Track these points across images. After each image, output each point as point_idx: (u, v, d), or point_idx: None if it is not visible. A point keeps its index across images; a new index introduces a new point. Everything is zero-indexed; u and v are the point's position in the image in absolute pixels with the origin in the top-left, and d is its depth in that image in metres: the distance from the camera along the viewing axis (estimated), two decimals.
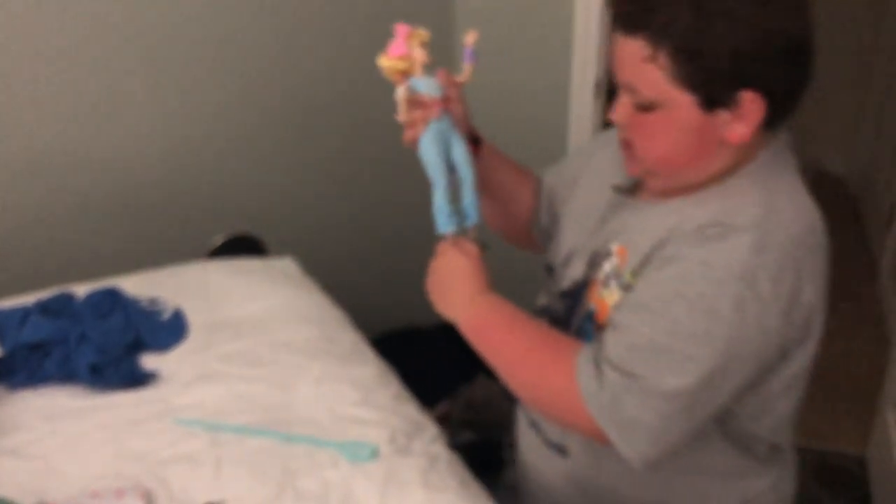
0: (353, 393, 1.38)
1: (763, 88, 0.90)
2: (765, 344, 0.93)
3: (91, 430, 1.31)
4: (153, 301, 1.63)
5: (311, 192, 2.30)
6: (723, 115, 0.92)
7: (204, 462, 1.23)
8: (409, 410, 1.36)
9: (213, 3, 1.98)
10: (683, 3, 0.87)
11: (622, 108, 0.97)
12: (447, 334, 1.27)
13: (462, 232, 1.10)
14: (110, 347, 1.45)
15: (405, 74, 1.07)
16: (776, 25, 0.88)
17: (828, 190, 3.97)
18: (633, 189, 1.10)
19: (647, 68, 0.90)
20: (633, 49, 0.91)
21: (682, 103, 0.91)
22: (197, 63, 2.02)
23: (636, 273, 0.98)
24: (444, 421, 1.95)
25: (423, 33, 1.07)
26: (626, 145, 1.01)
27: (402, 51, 1.06)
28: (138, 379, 1.42)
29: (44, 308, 1.55)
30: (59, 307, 1.56)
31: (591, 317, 1.05)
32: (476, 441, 2.01)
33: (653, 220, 1.00)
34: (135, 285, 1.68)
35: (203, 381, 1.43)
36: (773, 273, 0.90)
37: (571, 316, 1.10)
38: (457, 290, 1.06)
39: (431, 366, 2.02)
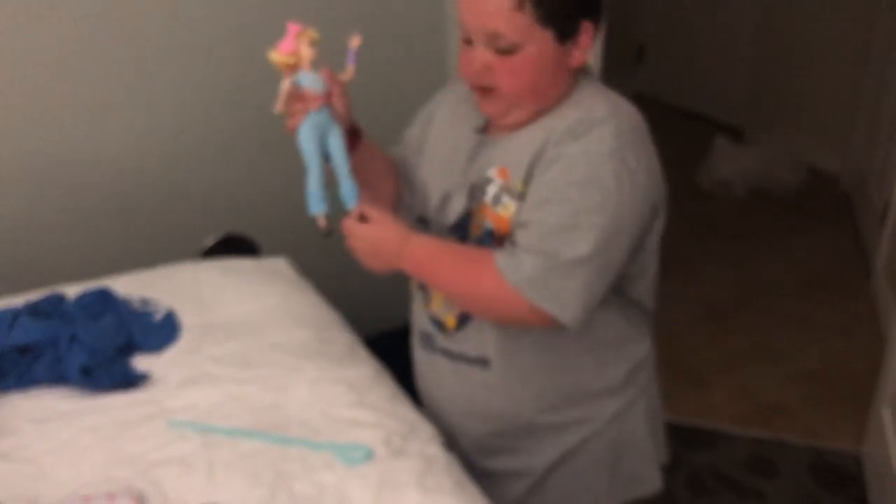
0: (348, 394, 1.37)
1: (592, 18, 1.15)
2: (642, 203, 1.15)
3: (82, 433, 1.29)
4: (145, 302, 1.62)
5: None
6: (568, 47, 1.15)
7: (197, 465, 1.22)
8: (405, 411, 1.35)
9: (205, 5, 1.97)
10: None
11: (482, 57, 1.14)
12: None
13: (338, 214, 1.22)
14: (102, 349, 1.43)
15: (293, 69, 1.16)
16: None
17: (822, 188, 3.98)
18: (484, 129, 1.28)
19: (515, 16, 1.09)
20: (501, 2, 1.09)
21: (544, 39, 1.12)
22: (188, 64, 2.01)
23: (526, 181, 1.17)
24: None
25: (312, 33, 1.17)
26: (485, 90, 1.18)
27: (290, 47, 1.16)
28: (130, 381, 1.41)
29: (34, 309, 1.53)
30: (49, 308, 1.54)
31: (490, 234, 1.22)
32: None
33: (523, 140, 1.19)
34: (127, 286, 1.67)
35: (195, 382, 1.41)
36: (633, 148, 1.14)
37: (464, 242, 1.27)
38: (385, 251, 1.20)
39: None
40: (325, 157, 1.20)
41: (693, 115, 4.87)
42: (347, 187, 1.21)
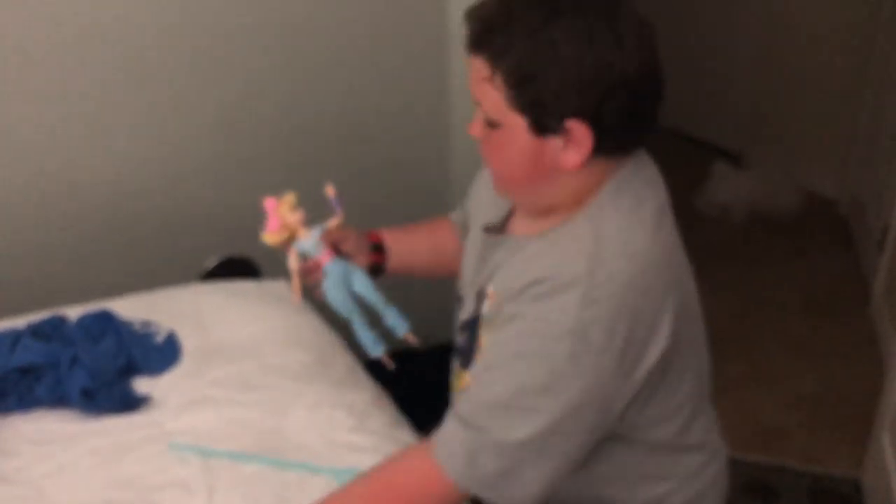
0: (348, 418, 1.37)
1: (589, 119, 0.93)
2: (608, 388, 0.95)
3: (82, 456, 1.29)
4: (146, 324, 1.62)
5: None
6: (554, 142, 0.95)
7: (197, 488, 1.22)
8: (405, 436, 1.35)
9: (205, 24, 1.99)
10: (520, 30, 0.90)
11: (476, 123, 1.01)
12: (442, 357, 1.26)
13: (396, 343, 1.22)
14: (103, 371, 1.44)
15: (291, 240, 1.19)
16: (602, 61, 0.91)
17: (820, 212, 3.99)
18: (502, 225, 1.13)
19: (487, 87, 0.94)
20: (478, 67, 0.95)
21: (516, 125, 0.95)
22: (190, 86, 2.02)
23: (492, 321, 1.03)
24: None
25: (289, 198, 1.19)
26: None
27: (277, 223, 1.18)
28: (130, 403, 1.41)
29: (35, 331, 1.53)
30: (50, 330, 1.55)
31: None
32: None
33: (523, 260, 1.03)
34: (128, 308, 1.67)
35: (196, 405, 1.41)
36: (605, 324, 0.92)
37: (472, 347, 1.11)
38: None
39: (427, 389, 2.00)
40: (360, 300, 1.20)
41: (691, 140, 4.90)
42: (391, 318, 1.21)
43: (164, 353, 1.55)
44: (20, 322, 1.58)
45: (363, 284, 1.19)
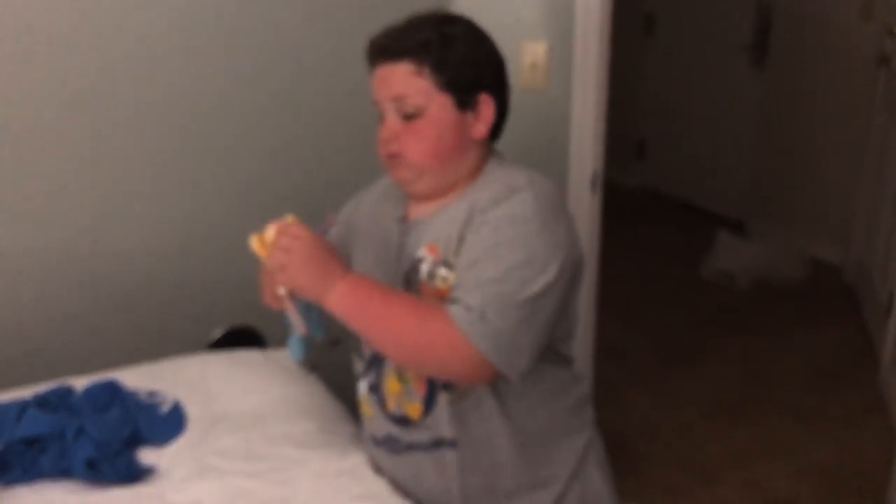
0: (352, 486, 1.36)
1: (493, 92, 1.28)
2: (566, 261, 1.20)
3: None
4: (152, 394, 1.62)
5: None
6: (469, 117, 1.27)
7: None
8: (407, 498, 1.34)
9: (214, 94, 2.04)
10: (430, 31, 1.25)
11: (391, 124, 1.27)
12: None
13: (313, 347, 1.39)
14: (108, 442, 1.43)
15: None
16: (492, 46, 1.31)
17: (825, 280, 4.00)
18: (405, 218, 1.36)
19: (415, 80, 1.23)
20: (402, 69, 1.24)
21: (444, 104, 1.24)
22: (195, 158, 2.06)
23: (457, 252, 1.22)
24: None
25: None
26: (394, 156, 1.28)
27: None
28: (135, 475, 1.40)
29: (41, 402, 1.54)
30: (57, 400, 1.55)
31: None
32: None
33: (447, 216, 1.27)
34: (134, 378, 1.67)
35: (201, 476, 1.41)
36: (553, 212, 1.22)
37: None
38: (320, 269, 1.19)
39: None
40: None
41: (694, 208, 4.94)
42: (317, 330, 1.36)
43: (169, 423, 1.55)
44: (26, 393, 1.58)
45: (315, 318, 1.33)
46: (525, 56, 2.22)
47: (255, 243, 1.26)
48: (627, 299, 3.80)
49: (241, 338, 2.11)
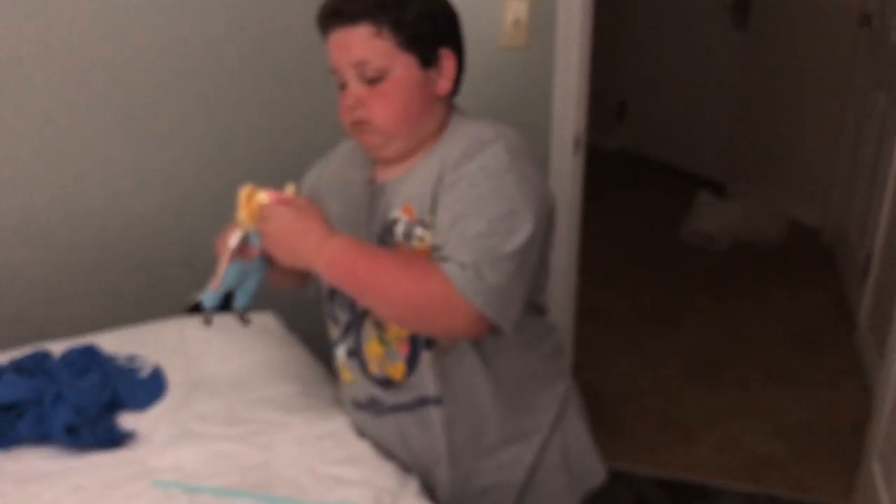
0: (335, 450, 1.36)
1: (453, 47, 1.27)
2: (541, 209, 1.20)
3: (66, 494, 1.27)
4: (131, 358, 1.61)
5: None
6: (432, 74, 1.25)
7: None
8: (393, 467, 1.34)
9: (205, 65, 2.00)
10: None
11: (354, 90, 1.23)
12: None
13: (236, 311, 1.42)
14: (87, 407, 1.42)
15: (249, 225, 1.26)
16: (445, 2, 1.28)
17: (803, 241, 4.03)
18: (373, 181, 1.34)
19: (376, 42, 1.20)
20: (361, 32, 1.20)
21: (408, 64, 1.22)
22: (176, 120, 2.03)
23: (433, 209, 1.20)
24: None
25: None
26: (361, 123, 1.25)
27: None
28: (115, 439, 1.39)
29: (18, 367, 1.52)
30: (34, 366, 1.53)
31: None
32: None
33: (417, 175, 1.25)
34: (113, 342, 1.66)
35: (181, 440, 1.40)
36: (525, 161, 1.21)
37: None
38: (304, 240, 1.18)
39: None
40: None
41: (675, 171, 4.94)
42: (247, 298, 1.40)
43: (149, 388, 1.54)
44: (3, 358, 1.56)
45: (251, 285, 1.36)
46: (508, 13, 2.19)
47: (243, 195, 1.23)
48: (607, 261, 3.81)
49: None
